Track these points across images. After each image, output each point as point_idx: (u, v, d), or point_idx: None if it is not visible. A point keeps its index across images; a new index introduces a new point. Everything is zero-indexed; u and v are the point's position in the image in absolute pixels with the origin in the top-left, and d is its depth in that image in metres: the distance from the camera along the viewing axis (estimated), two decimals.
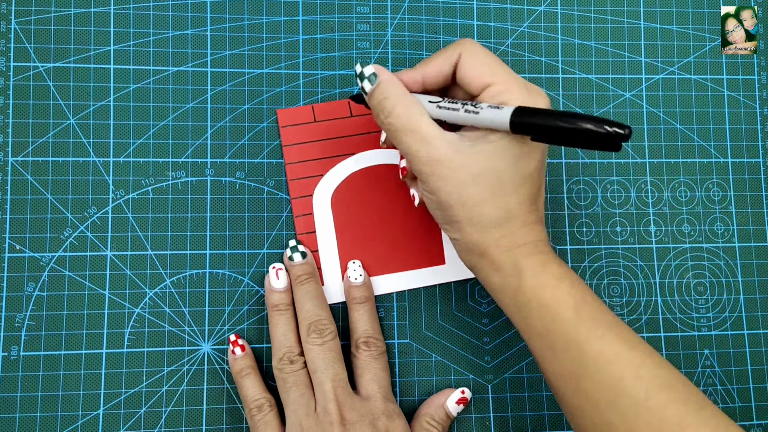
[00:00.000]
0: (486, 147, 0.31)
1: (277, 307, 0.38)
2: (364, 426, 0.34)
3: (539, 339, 0.32)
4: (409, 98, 0.32)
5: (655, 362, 0.30)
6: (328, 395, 0.35)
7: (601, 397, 0.30)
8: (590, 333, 0.30)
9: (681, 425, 0.29)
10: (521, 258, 0.32)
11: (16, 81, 0.40)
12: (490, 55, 0.32)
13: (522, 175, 0.31)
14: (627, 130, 0.25)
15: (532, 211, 0.32)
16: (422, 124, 0.32)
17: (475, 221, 0.32)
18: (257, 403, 0.37)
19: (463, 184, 0.31)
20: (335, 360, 0.36)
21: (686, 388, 0.30)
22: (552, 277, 0.31)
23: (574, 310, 0.31)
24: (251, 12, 0.42)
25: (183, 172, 0.41)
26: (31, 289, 0.39)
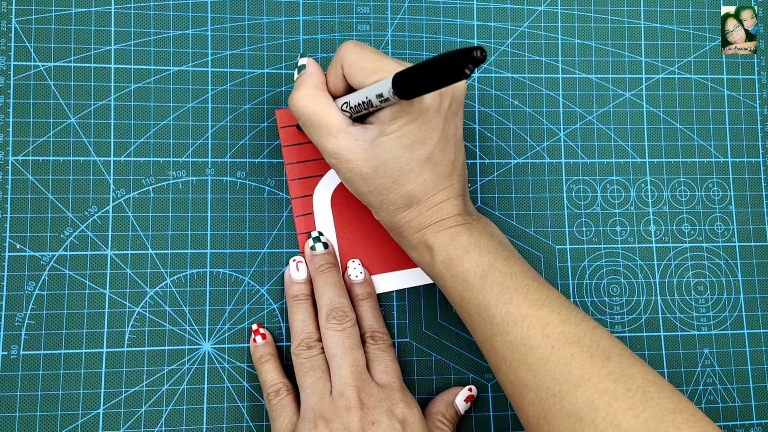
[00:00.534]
0: (383, 140, 0.32)
1: (297, 297, 0.39)
2: (382, 412, 0.34)
3: (457, 306, 0.34)
4: (319, 92, 0.34)
5: (563, 318, 0.31)
6: (347, 380, 0.35)
7: (512, 357, 0.31)
8: (498, 297, 0.32)
9: (585, 377, 0.30)
10: (430, 236, 0.34)
11: (17, 80, 0.40)
12: (367, 56, 0.33)
13: (420, 161, 0.33)
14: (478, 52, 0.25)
15: (440, 191, 0.34)
16: (329, 116, 0.33)
17: (386, 206, 0.34)
18: (275, 388, 0.37)
19: (366, 175, 0.33)
20: (354, 346, 0.36)
21: (593, 341, 0.31)
22: (459, 249, 0.33)
23: (480, 277, 0.33)
24: (252, 12, 0.43)
25: (184, 171, 0.41)
26: (32, 288, 0.39)
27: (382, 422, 0.33)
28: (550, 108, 0.44)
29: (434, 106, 0.32)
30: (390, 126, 0.32)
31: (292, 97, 0.34)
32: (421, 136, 0.32)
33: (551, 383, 0.30)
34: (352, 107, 0.33)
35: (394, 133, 0.32)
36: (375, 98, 0.31)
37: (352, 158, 0.33)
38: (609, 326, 0.43)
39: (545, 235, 0.43)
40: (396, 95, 0.30)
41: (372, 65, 0.32)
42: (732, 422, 0.42)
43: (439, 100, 0.32)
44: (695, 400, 0.43)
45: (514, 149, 0.44)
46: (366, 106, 0.32)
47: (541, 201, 0.43)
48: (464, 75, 0.26)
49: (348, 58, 0.33)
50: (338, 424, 0.33)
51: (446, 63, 0.26)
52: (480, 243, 0.34)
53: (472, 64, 0.25)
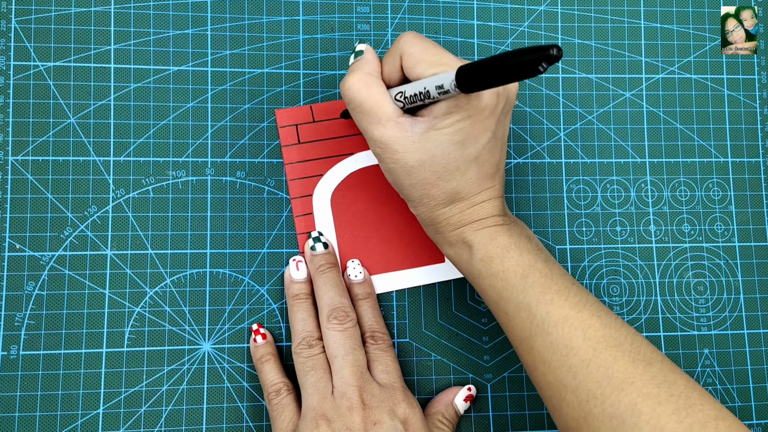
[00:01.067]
0: (433, 134, 0.32)
1: (297, 296, 0.38)
2: (384, 412, 0.34)
3: (494, 305, 0.34)
4: (373, 79, 0.33)
5: (604, 322, 0.32)
6: (348, 380, 0.34)
7: (552, 358, 0.31)
8: (539, 297, 0.32)
9: (627, 381, 0.30)
10: (470, 234, 0.34)
11: (17, 80, 0.40)
12: (428, 48, 0.32)
13: (467, 159, 0.32)
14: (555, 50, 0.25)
15: (483, 190, 0.34)
16: (381, 105, 0.33)
17: (426, 201, 0.34)
18: (275, 388, 0.37)
19: (411, 168, 0.33)
20: (355, 346, 0.36)
21: (634, 346, 0.31)
22: (499, 248, 0.33)
23: (522, 277, 0.33)
24: (252, 12, 0.43)
25: (183, 171, 0.41)
26: (31, 288, 0.39)
27: (384, 422, 0.33)
28: (550, 108, 0.44)
29: (490, 105, 0.32)
30: (443, 121, 0.31)
31: (345, 81, 0.33)
32: (473, 134, 0.32)
33: (592, 385, 0.30)
34: (407, 97, 0.32)
35: (446, 128, 0.32)
36: (434, 89, 0.31)
37: (399, 149, 0.32)
38: None
39: (545, 235, 0.43)
40: (458, 88, 0.29)
41: (433, 58, 0.32)
42: None
43: (495, 101, 0.32)
44: None
45: (514, 149, 0.44)
46: (422, 97, 0.31)
47: (541, 201, 0.43)
48: (537, 72, 0.25)
49: (409, 48, 0.33)
50: (340, 424, 0.33)
51: (519, 58, 0.26)
52: (519, 243, 0.34)
53: (546, 63, 0.25)
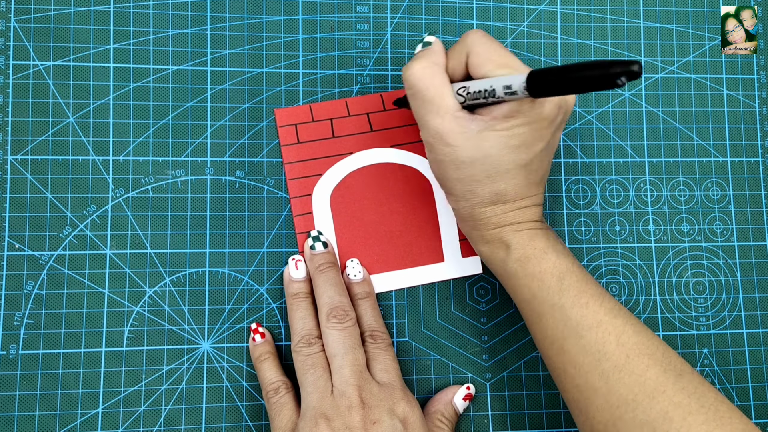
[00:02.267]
0: (490, 134, 0.32)
1: (296, 295, 0.39)
2: (383, 411, 0.34)
3: (527, 305, 0.34)
4: (438, 69, 0.33)
5: (636, 330, 0.32)
6: (348, 379, 0.34)
7: (584, 361, 0.32)
8: (575, 300, 0.32)
9: (659, 389, 0.30)
10: (509, 234, 0.34)
11: (16, 79, 0.40)
12: (495, 49, 0.33)
13: (519, 164, 0.33)
14: (636, 66, 0.25)
15: (528, 196, 0.34)
16: (443, 96, 0.33)
17: (469, 197, 0.34)
18: (274, 386, 0.37)
19: (461, 163, 0.33)
20: (355, 345, 0.36)
21: (666, 356, 0.32)
22: (537, 249, 0.34)
23: (558, 278, 0.33)
24: (251, 11, 0.43)
25: (183, 170, 0.41)
26: (30, 288, 0.39)
27: (384, 421, 0.33)
28: None
29: (551, 116, 0.32)
30: (502, 123, 0.32)
31: (410, 66, 0.33)
32: (530, 141, 0.32)
33: (624, 391, 0.31)
34: (470, 92, 0.32)
35: (504, 131, 0.32)
36: (501, 88, 0.31)
37: (452, 143, 0.33)
38: None
39: None
40: (527, 90, 0.29)
41: (501, 59, 0.32)
42: None
43: (556, 112, 0.32)
44: None
45: None
46: (486, 95, 0.32)
47: None
48: (615, 85, 0.25)
49: (477, 47, 0.33)
50: (340, 423, 0.33)
51: (598, 69, 0.26)
52: (556, 247, 0.34)
53: (626, 78, 0.25)
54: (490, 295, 0.42)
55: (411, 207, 0.42)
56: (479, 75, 0.33)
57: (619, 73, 0.25)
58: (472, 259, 0.42)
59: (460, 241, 0.42)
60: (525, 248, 0.34)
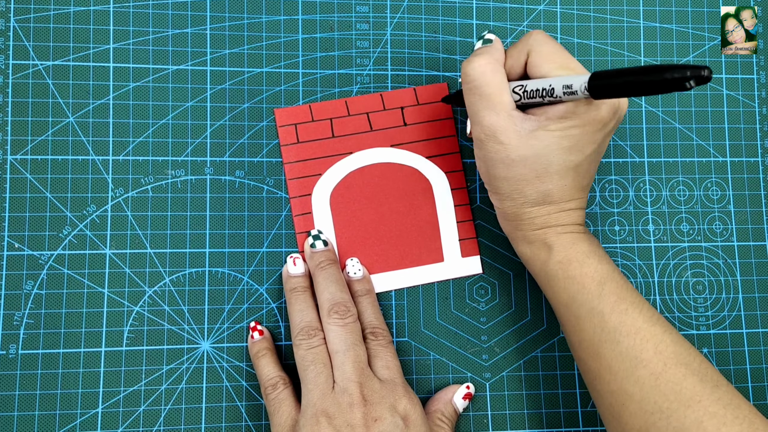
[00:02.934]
0: (543, 134, 0.32)
1: (295, 289, 0.38)
2: (385, 408, 0.34)
3: (565, 308, 0.34)
4: (499, 66, 0.33)
5: (674, 339, 0.32)
6: (350, 376, 0.34)
7: (620, 367, 0.32)
8: (614, 306, 0.33)
9: (695, 399, 0.30)
10: (552, 236, 0.35)
11: (15, 79, 0.40)
12: (558, 50, 0.33)
13: (569, 166, 0.33)
14: (706, 71, 0.25)
15: (573, 199, 0.34)
16: (500, 92, 0.33)
17: (515, 197, 0.34)
18: (272, 382, 0.37)
19: (512, 161, 0.33)
20: (356, 342, 0.36)
21: (702, 367, 0.32)
22: (580, 253, 0.34)
23: (599, 283, 0.33)
24: (251, 11, 0.43)
25: (182, 170, 0.41)
26: (30, 287, 0.39)
27: (385, 418, 0.33)
28: None
29: (605, 119, 0.32)
30: (556, 123, 0.32)
31: (471, 61, 0.34)
32: (582, 143, 0.32)
33: (660, 398, 0.31)
34: (527, 91, 0.33)
35: (558, 131, 0.32)
36: (561, 88, 0.31)
37: (505, 141, 0.33)
38: None
39: None
40: (588, 91, 0.29)
41: (563, 60, 0.32)
42: None
43: (610, 116, 0.33)
44: None
45: None
46: (544, 93, 0.32)
47: None
48: (683, 88, 0.25)
49: (540, 47, 0.33)
50: (341, 420, 0.33)
51: (668, 72, 0.26)
52: (599, 252, 0.34)
53: (695, 82, 0.25)
54: (489, 294, 0.42)
55: (411, 207, 0.42)
56: (538, 74, 0.33)
57: (689, 76, 0.25)
58: (471, 258, 0.42)
59: (460, 241, 0.42)
60: (567, 251, 0.34)
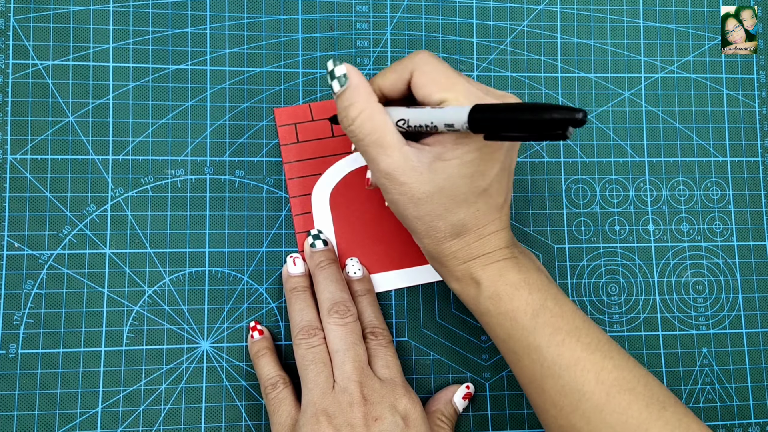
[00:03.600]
0: (441, 165, 0.30)
1: (295, 289, 0.38)
2: (385, 407, 0.34)
3: (503, 344, 0.33)
4: (375, 107, 0.31)
5: (617, 364, 0.31)
6: (350, 375, 0.34)
7: (564, 402, 0.31)
8: (550, 339, 0.31)
9: (642, 426, 0.29)
10: (478, 269, 0.33)
11: (15, 78, 0.40)
12: (442, 71, 0.31)
13: (476, 192, 0.31)
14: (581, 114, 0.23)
15: (491, 222, 0.33)
16: (385, 134, 0.31)
17: (432, 234, 0.33)
18: (272, 381, 0.37)
19: (418, 200, 0.31)
20: (356, 341, 0.36)
21: (647, 389, 0.31)
22: (508, 285, 0.32)
23: (532, 316, 0.32)
24: (251, 10, 0.43)
25: (182, 170, 0.41)
26: (30, 287, 0.39)
27: (385, 418, 0.33)
28: None
29: None
30: (451, 152, 0.30)
31: (346, 116, 0.32)
32: (483, 167, 0.31)
33: (607, 431, 0.30)
34: (410, 126, 0.31)
35: (454, 159, 0.30)
36: (443, 126, 0.29)
37: (406, 180, 0.31)
38: (607, 326, 0.43)
39: (544, 234, 0.43)
40: (470, 130, 0.28)
41: (447, 81, 0.31)
42: (730, 421, 0.42)
43: None
44: (693, 399, 0.43)
45: None
46: (428, 129, 0.30)
47: (539, 200, 0.43)
48: (562, 137, 0.24)
49: (423, 66, 0.31)
50: (341, 420, 0.33)
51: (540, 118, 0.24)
52: (529, 279, 0.33)
53: (572, 127, 0.23)
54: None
55: None
56: (421, 95, 0.31)
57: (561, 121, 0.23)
58: None
59: None
60: (496, 285, 0.32)
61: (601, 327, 0.42)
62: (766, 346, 0.44)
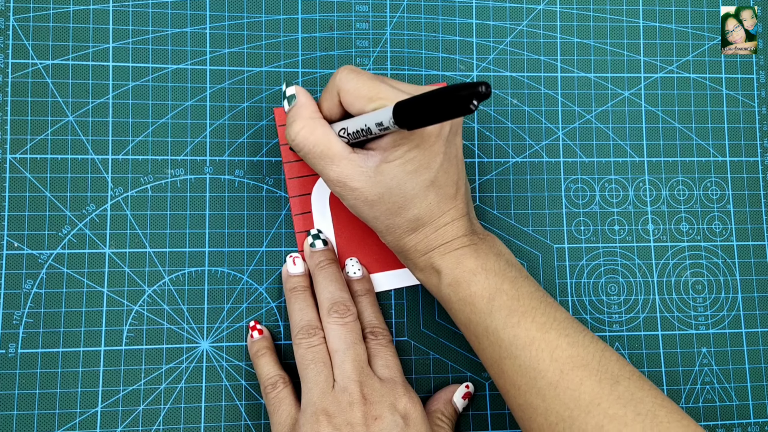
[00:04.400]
0: (386, 167, 0.32)
1: (295, 289, 0.39)
2: (385, 407, 0.34)
3: (464, 329, 0.35)
4: (315, 122, 0.34)
5: (571, 341, 0.32)
6: (350, 375, 0.34)
7: (521, 381, 0.32)
8: (506, 321, 0.32)
9: (594, 402, 0.30)
10: (437, 258, 0.34)
11: (15, 78, 0.40)
12: (364, 82, 0.33)
13: (425, 185, 0.33)
14: (483, 87, 0.25)
15: (445, 213, 0.34)
16: (330, 145, 0.33)
17: (391, 231, 0.34)
18: (271, 381, 0.37)
19: (372, 202, 0.33)
20: (356, 341, 0.36)
21: (602, 364, 0.31)
22: (466, 272, 0.33)
23: (488, 300, 0.33)
24: (250, 10, 0.43)
25: (182, 169, 0.41)
26: (30, 287, 0.39)
27: (385, 417, 0.33)
28: (549, 107, 0.44)
29: (435, 131, 0.32)
30: (392, 153, 0.32)
31: (289, 132, 0.34)
32: (425, 161, 0.32)
33: (561, 408, 0.30)
34: (350, 134, 0.33)
35: (397, 159, 0.32)
36: (375, 126, 0.31)
37: (357, 185, 0.33)
38: (607, 325, 0.43)
39: (543, 234, 0.43)
40: (397, 125, 0.29)
41: (371, 92, 0.32)
42: (729, 421, 0.43)
43: (440, 126, 0.32)
44: (692, 399, 0.43)
45: (513, 148, 0.44)
46: (365, 133, 0.32)
47: (539, 200, 0.43)
48: (469, 110, 0.25)
49: (345, 85, 0.33)
50: (341, 419, 0.33)
51: (450, 98, 0.26)
52: (486, 265, 0.34)
53: (476, 100, 0.25)
54: None
55: None
56: (355, 112, 0.33)
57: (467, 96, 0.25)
58: None
59: None
60: (454, 272, 0.34)
61: (601, 327, 0.42)
62: (766, 346, 0.44)
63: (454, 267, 0.34)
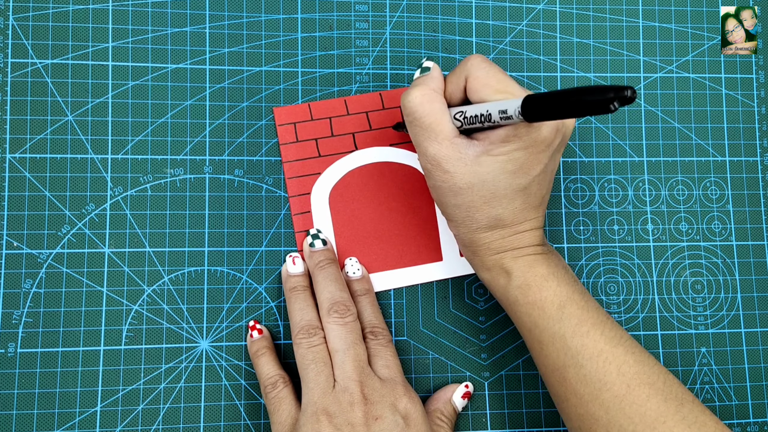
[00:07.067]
0: (487, 159, 0.32)
1: (294, 289, 0.39)
2: (385, 407, 0.34)
3: (528, 333, 0.34)
4: (436, 96, 0.33)
5: (638, 359, 0.32)
6: (350, 374, 0.34)
7: (585, 391, 0.32)
8: (575, 329, 0.33)
9: (660, 420, 0.30)
10: (509, 260, 0.34)
11: (14, 77, 0.40)
12: (494, 74, 0.33)
13: (516, 189, 0.33)
14: (629, 91, 0.25)
15: (527, 220, 0.34)
16: (441, 122, 0.33)
17: (468, 223, 0.34)
18: (271, 380, 0.37)
19: (459, 189, 0.33)
20: (356, 340, 0.36)
21: (666, 385, 0.32)
22: (538, 276, 0.34)
23: (559, 307, 0.33)
24: (250, 9, 0.42)
25: (181, 169, 0.41)
26: (29, 286, 0.39)
27: (386, 417, 0.34)
28: None
29: (548, 139, 0.32)
30: (499, 147, 0.32)
31: (408, 94, 0.34)
32: (527, 165, 0.32)
33: (625, 421, 0.31)
34: (467, 117, 0.32)
35: (501, 155, 0.32)
36: (497, 113, 0.31)
37: (450, 169, 0.33)
38: None
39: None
40: (522, 115, 0.29)
41: (499, 84, 0.32)
42: (729, 421, 0.43)
43: (553, 136, 0.32)
44: None
45: None
46: (483, 119, 0.32)
47: None
48: (608, 110, 0.25)
49: (476, 71, 0.33)
50: (342, 419, 0.33)
51: (591, 95, 0.26)
52: (557, 273, 0.34)
53: (619, 103, 0.25)
54: (488, 294, 0.42)
55: (409, 206, 0.42)
56: (477, 99, 0.33)
57: (611, 98, 0.25)
58: None
59: None
60: (525, 275, 0.34)
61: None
62: (765, 346, 0.44)
63: (525, 270, 0.34)
